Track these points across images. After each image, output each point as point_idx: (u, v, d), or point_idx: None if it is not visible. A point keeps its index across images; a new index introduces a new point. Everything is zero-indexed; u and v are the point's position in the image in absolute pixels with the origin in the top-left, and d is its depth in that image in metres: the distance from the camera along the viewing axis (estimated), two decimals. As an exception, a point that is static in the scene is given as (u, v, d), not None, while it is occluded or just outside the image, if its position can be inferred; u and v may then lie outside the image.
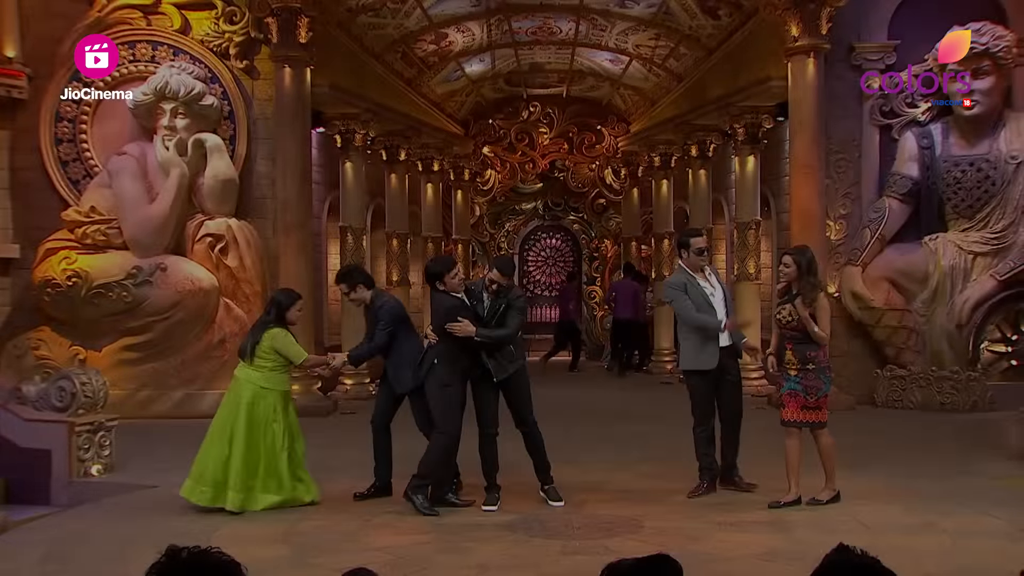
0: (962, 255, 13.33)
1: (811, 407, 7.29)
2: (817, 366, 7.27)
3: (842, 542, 2.58)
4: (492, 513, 7.31)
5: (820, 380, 7.27)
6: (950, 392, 12.96)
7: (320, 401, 13.41)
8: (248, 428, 7.40)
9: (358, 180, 15.47)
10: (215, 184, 13.14)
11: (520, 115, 22.53)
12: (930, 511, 7.19)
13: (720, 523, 6.95)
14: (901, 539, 6.40)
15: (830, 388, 7.44)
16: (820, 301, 7.27)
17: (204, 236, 13.13)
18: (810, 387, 7.26)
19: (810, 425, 7.36)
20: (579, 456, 9.69)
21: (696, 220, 17.16)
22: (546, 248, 24.26)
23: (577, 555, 6.19)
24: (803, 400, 7.28)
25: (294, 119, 13.24)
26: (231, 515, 7.33)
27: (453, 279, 7.49)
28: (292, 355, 7.49)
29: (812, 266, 7.36)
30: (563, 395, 15.09)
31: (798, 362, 7.28)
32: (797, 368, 7.29)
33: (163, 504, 7.74)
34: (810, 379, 7.26)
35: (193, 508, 7.49)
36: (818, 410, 7.32)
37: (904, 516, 7.10)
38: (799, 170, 13.18)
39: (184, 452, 10.07)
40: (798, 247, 8.10)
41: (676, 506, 7.53)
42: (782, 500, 7.40)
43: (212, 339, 13.13)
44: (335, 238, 16.07)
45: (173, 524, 7.05)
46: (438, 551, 6.39)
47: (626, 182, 22.15)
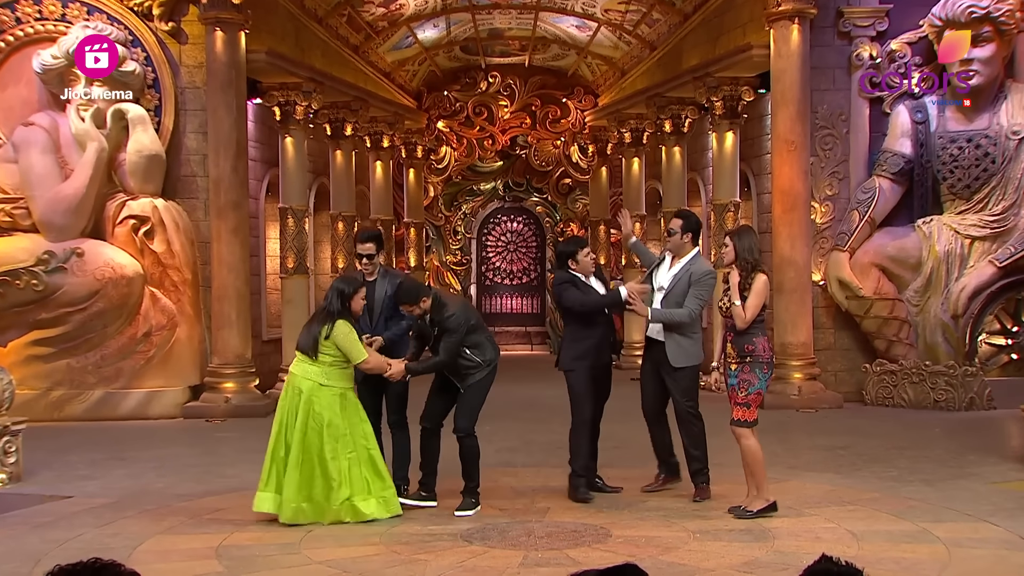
0: (958, 239, 13.46)
1: (739, 403, 7.23)
2: (753, 359, 7.23)
3: (825, 553, 2.57)
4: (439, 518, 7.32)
5: (753, 374, 7.21)
6: (945, 388, 13.09)
7: (258, 400, 13.31)
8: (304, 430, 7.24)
9: (299, 157, 15.35)
10: (138, 160, 12.98)
11: (478, 86, 22.47)
12: (923, 518, 7.21)
13: (695, 531, 6.94)
14: (891, 549, 6.42)
15: (765, 386, 7.36)
16: (757, 282, 7.23)
17: (126, 218, 12.98)
18: (743, 381, 7.22)
19: (734, 423, 7.27)
20: (542, 459, 9.68)
21: (670, 201, 17.20)
22: (507, 232, 24.22)
23: (539, 567, 6.16)
24: (735, 395, 7.26)
25: (227, 88, 13.10)
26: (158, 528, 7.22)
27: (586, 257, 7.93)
28: (353, 354, 7.29)
29: (751, 249, 7.31)
30: (526, 393, 15.07)
31: (736, 355, 7.29)
32: (736, 361, 7.29)
33: (78, 517, 7.60)
34: (745, 372, 7.22)
35: (115, 520, 7.40)
36: (747, 407, 7.23)
37: (895, 523, 7.13)
38: (782, 147, 13.24)
39: (102, 458, 9.99)
40: (740, 228, 8.26)
41: (647, 513, 7.51)
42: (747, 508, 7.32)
43: (136, 332, 12.98)
44: (274, 221, 15.95)
45: (89, 538, 6.92)
46: (387, 564, 6.34)
47: (594, 160, 22.16)
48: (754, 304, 7.19)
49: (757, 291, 7.21)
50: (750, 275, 7.23)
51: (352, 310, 7.40)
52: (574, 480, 7.94)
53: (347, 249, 17.29)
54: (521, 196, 23.83)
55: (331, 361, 7.32)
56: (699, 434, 7.89)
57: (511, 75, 22.45)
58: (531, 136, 22.79)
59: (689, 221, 8.08)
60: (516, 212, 24.17)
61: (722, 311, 7.40)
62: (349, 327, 7.32)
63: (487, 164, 23.25)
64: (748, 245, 7.32)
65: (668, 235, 8.15)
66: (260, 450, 10.39)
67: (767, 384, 7.42)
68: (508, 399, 14.97)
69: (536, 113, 22.65)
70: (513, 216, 24.21)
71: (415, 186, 22.24)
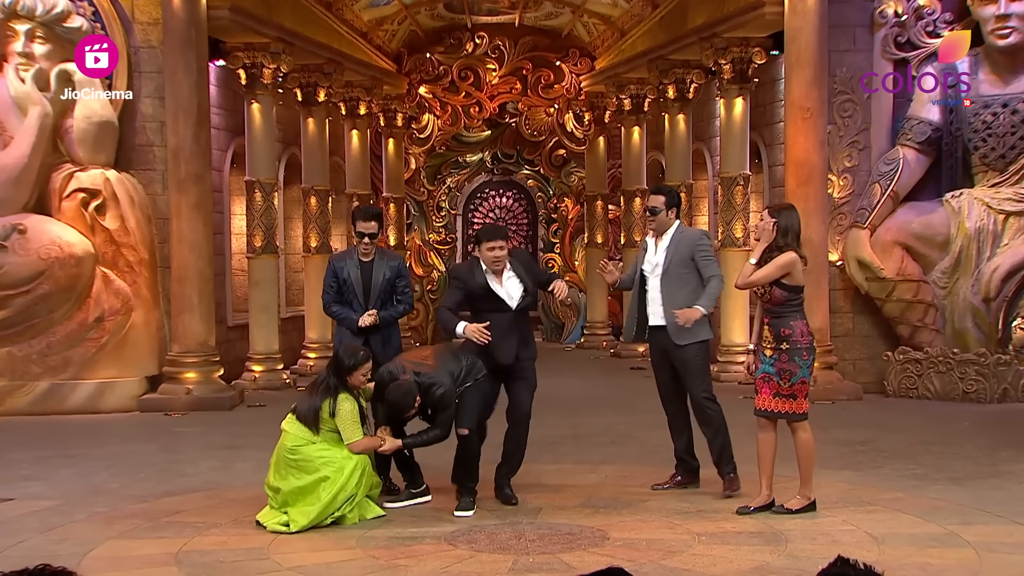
0: (991, 215, 13.46)
1: (784, 395, 7.32)
2: (791, 346, 7.29)
3: (841, 555, 2.55)
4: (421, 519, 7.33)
5: (794, 363, 7.28)
6: (975, 379, 13.11)
7: (223, 391, 13.30)
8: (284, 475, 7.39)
9: (267, 125, 15.29)
10: (87, 127, 12.92)
11: (463, 48, 22.34)
12: (951, 520, 7.23)
13: (700, 534, 6.95)
14: (915, 554, 6.43)
15: (809, 375, 7.44)
16: (782, 256, 7.30)
17: (75, 191, 12.92)
18: (784, 371, 7.30)
19: (786, 417, 7.38)
20: (534, 455, 9.66)
21: (673, 174, 17.18)
22: (495, 208, 24.16)
23: (530, 572, 6.17)
24: (776, 386, 7.33)
25: (186, 48, 13.02)
26: (110, 532, 7.20)
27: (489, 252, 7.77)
28: (347, 433, 7.44)
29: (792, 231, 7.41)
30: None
31: (772, 339, 7.34)
32: (772, 347, 7.34)
33: (20, 521, 7.56)
34: (783, 361, 7.30)
35: (62, 524, 7.39)
36: (793, 399, 7.33)
37: (919, 526, 7.14)
38: (796, 114, 13.21)
39: (48, 456, 9.95)
40: (783, 205, 8.20)
41: (648, 514, 7.52)
42: (751, 504, 7.47)
43: (86, 318, 12.93)
44: (240, 195, 15.90)
45: (32, 545, 6.89)
46: (365, 570, 6.35)
47: (590, 129, 22.10)
48: (766, 273, 7.28)
49: (777, 262, 7.29)
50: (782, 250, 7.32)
51: (351, 384, 7.51)
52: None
53: (320, 227, 17.25)
54: (511, 169, 23.75)
55: (328, 429, 7.49)
56: (720, 419, 8.02)
57: (500, 35, 22.33)
58: (522, 103, 22.70)
59: (672, 196, 8.32)
60: (505, 186, 24.09)
61: (758, 294, 7.49)
62: (352, 404, 7.48)
63: (474, 134, 23.16)
64: (789, 224, 7.38)
65: (650, 214, 8.20)
66: (224, 446, 10.46)
67: (811, 371, 7.49)
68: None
69: (527, 77, 22.54)
70: (502, 191, 24.13)
71: (395, 158, 22.15)
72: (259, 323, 15.18)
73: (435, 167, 23.44)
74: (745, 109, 15.23)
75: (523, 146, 23.28)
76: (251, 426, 11.55)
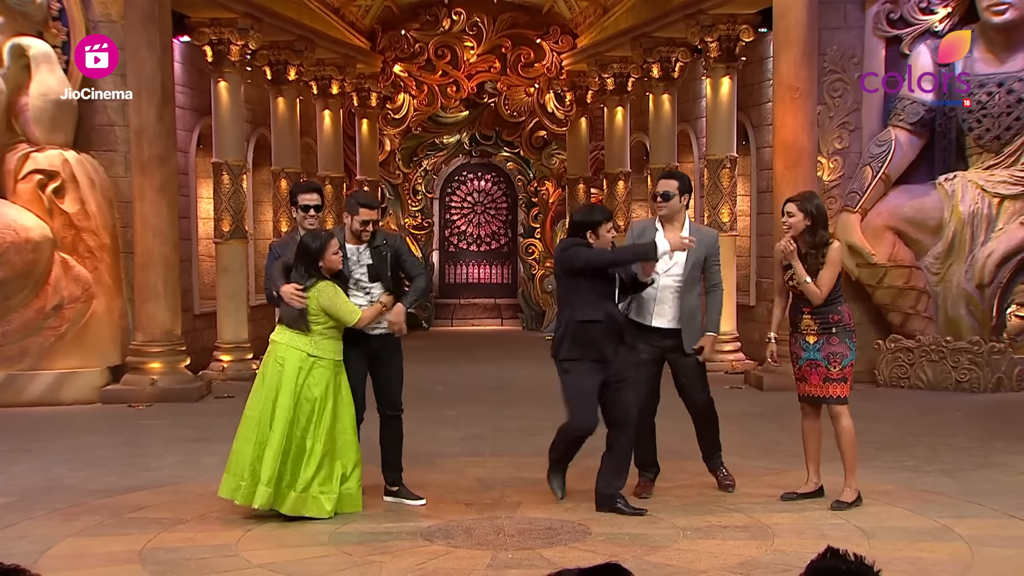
0: (985, 198, 13.52)
1: (835, 379, 7.49)
2: (840, 328, 7.48)
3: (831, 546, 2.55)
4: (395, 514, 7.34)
5: (845, 345, 7.48)
6: (968, 367, 13.18)
7: (189, 382, 13.26)
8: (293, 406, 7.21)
9: (235, 105, 15.24)
10: (44, 105, 12.85)
11: (440, 25, 22.27)
12: (943, 513, 7.28)
13: (685, 528, 6.98)
14: (906, 548, 6.48)
15: (855, 356, 7.61)
16: (831, 252, 7.48)
17: (31, 173, 12.85)
18: (833, 355, 7.46)
19: (834, 401, 7.52)
20: (512, 447, 9.68)
21: (658, 156, 17.18)
22: (474, 192, 24.18)
23: (509, 569, 6.18)
24: (825, 371, 7.50)
25: (149, 23, 12.93)
26: (70, 529, 7.16)
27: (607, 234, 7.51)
28: (344, 315, 7.27)
29: (822, 215, 7.57)
30: (494, 373, 15.07)
31: (818, 326, 7.45)
32: (817, 333, 7.44)
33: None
34: (834, 345, 7.46)
35: (19, 521, 7.36)
36: (844, 382, 7.52)
37: (910, 519, 7.19)
38: (785, 94, 13.22)
39: (5, 450, 9.91)
40: (804, 193, 8.14)
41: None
42: (797, 490, 7.62)
43: (44, 305, 12.86)
44: (207, 178, 15.85)
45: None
46: (337, 567, 6.33)
47: (572, 110, 22.10)
48: (829, 276, 7.44)
49: (832, 261, 7.48)
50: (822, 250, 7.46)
51: (327, 269, 7.33)
52: None
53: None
54: (490, 151, 23.76)
55: (321, 330, 7.31)
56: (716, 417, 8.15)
57: (478, 11, 22.26)
58: (501, 82, 22.66)
59: (685, 181, 8.14)
60: (484, 169, 24.10)
61: (793, 289, 7.59)
62: (333, 286, 7.30)
63: (451, 114, 23.13)
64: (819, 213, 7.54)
65: (662, 199, 7.90)
66: (191, 439, 10.42)
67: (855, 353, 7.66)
68: (474, 380, 14.98)
69: (507, 56, 22.50)
70: (480, 173, 24.15)
71: (369, 139, 22.09)
72: (227, 311, 15.13)
73: (411, 149, 23.41)
74: (732, 89, 15.23)
75: (502, 127, 23.26)
76: (218, 418, 11.49)
